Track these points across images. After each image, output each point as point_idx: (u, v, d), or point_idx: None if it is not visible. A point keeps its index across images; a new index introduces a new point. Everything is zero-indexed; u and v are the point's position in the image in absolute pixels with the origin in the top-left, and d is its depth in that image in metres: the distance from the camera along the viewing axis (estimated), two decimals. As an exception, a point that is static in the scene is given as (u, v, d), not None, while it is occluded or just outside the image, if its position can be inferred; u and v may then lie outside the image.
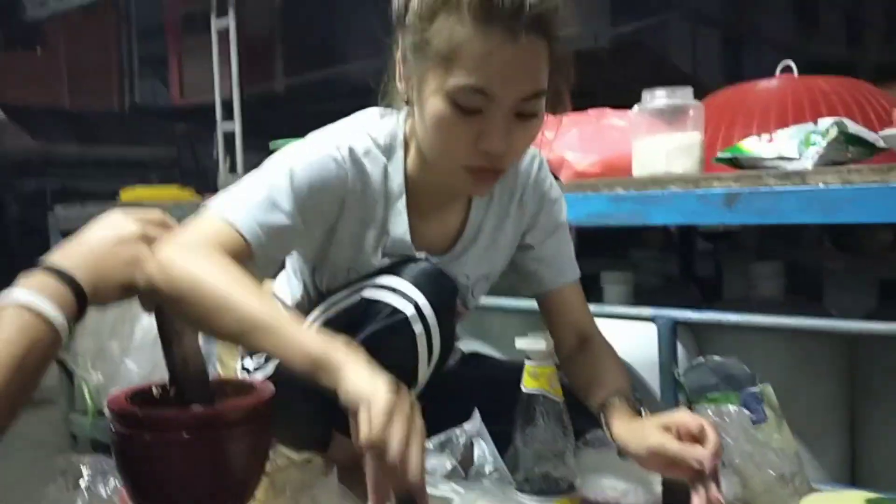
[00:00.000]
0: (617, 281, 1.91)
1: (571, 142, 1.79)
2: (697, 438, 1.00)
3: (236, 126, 5.43)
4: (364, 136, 1.12)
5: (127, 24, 11.69)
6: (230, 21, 5.47)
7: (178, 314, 0.96)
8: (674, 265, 3.00)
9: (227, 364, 1.91)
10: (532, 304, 1.33)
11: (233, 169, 4.56)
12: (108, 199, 3.01)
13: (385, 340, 1.07)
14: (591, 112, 1.95)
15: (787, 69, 2.15)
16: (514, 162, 1.11)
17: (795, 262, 2.54)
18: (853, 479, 1.78)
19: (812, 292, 2.39)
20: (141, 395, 1.02)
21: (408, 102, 1.08)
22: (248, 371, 1.29)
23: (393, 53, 1.08)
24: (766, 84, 2.05)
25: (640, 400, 1.31)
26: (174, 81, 11.05)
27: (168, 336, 0.98)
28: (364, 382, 0.82)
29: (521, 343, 1.05)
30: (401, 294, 1.10)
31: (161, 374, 1.02)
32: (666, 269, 2.71)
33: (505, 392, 1.05)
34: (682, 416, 1.03)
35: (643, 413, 1.11)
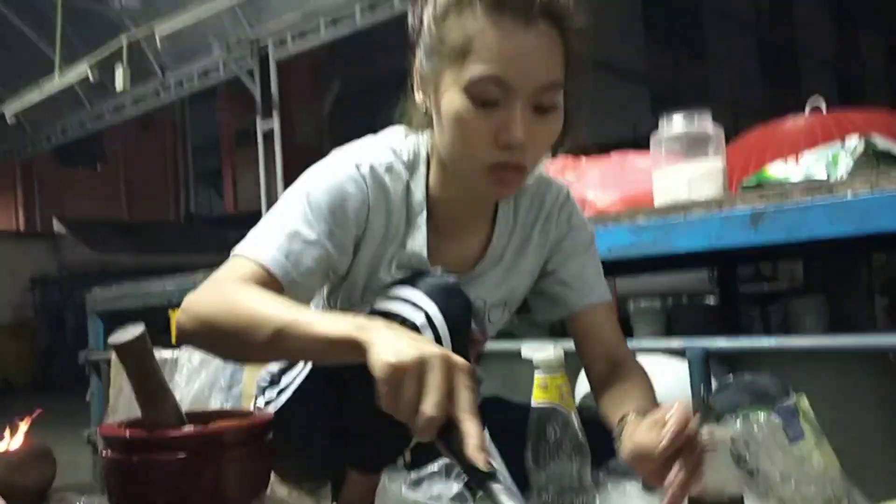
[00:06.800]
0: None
1: (593, 181, 1.77)
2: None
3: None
4: (387, 152, 1.11)
5: (183, 139, 12.31)
6: (275, 124, 5.71)
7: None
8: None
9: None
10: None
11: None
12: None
13: None
14: (614, 155, 1.93)
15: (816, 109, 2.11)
16: (537, 161, 1.06)
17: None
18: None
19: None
20: (135, 424, 0.99)
21: (426, 113, 1.06)
22: (259, 409, 1.25)
23: (410, 69, 1.08)
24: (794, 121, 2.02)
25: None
26: (228, 191, 11.48)
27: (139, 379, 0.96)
28: (388, 352, 0.78)
29: (527, 351, 0.99)
30: (412, 304, 1.05)
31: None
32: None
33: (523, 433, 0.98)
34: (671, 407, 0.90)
35: None
